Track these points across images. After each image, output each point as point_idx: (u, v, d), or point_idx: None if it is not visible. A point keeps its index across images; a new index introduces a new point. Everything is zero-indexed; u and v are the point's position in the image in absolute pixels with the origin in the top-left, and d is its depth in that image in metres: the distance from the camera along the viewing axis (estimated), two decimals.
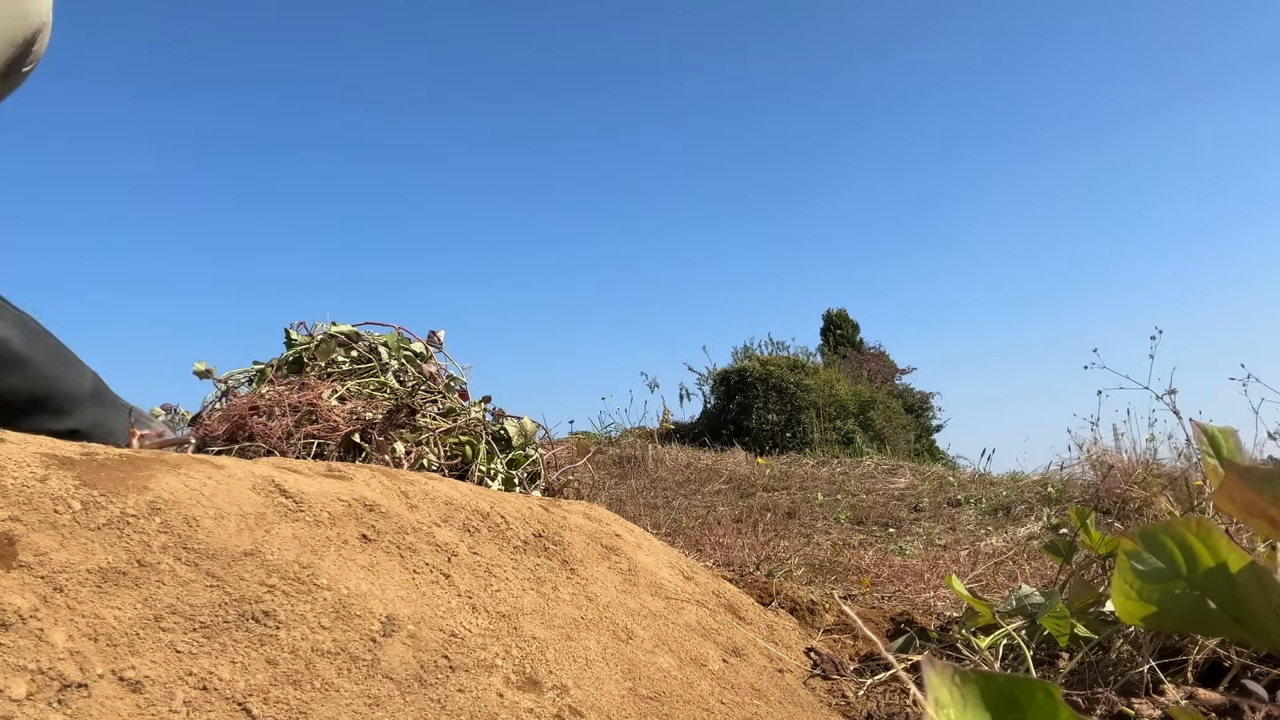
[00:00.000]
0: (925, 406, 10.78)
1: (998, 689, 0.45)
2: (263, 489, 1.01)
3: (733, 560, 2.79)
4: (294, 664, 0.81)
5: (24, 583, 0.71)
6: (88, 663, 0.68)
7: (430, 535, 1.16)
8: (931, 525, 4.29)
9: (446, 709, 0.87)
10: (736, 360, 9.54)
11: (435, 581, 1.07)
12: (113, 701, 0.67)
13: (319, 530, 1.00)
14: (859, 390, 9.31)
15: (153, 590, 0.78)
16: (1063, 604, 1.33)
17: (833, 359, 10.91)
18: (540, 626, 1.12)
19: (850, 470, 6.19)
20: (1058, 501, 4.45)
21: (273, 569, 0.89)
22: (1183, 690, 1.14)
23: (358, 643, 0.88)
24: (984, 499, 4.90)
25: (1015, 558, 3.19)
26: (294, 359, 2.51)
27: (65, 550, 0.76)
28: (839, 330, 12.30)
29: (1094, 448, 4.90)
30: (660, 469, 6.05)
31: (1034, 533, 3.85)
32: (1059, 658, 1.36)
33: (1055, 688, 0.45)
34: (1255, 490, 0.65)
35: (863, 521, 4.47)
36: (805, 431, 8.24)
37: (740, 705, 1.20)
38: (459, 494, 1.34)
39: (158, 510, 0.86)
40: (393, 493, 1.21)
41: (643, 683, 1.13)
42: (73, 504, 0.81)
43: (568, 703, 0.99)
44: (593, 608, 1.26)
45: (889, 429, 9.09)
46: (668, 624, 1.37)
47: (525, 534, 1.35)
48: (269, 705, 0.76)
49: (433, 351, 2.91)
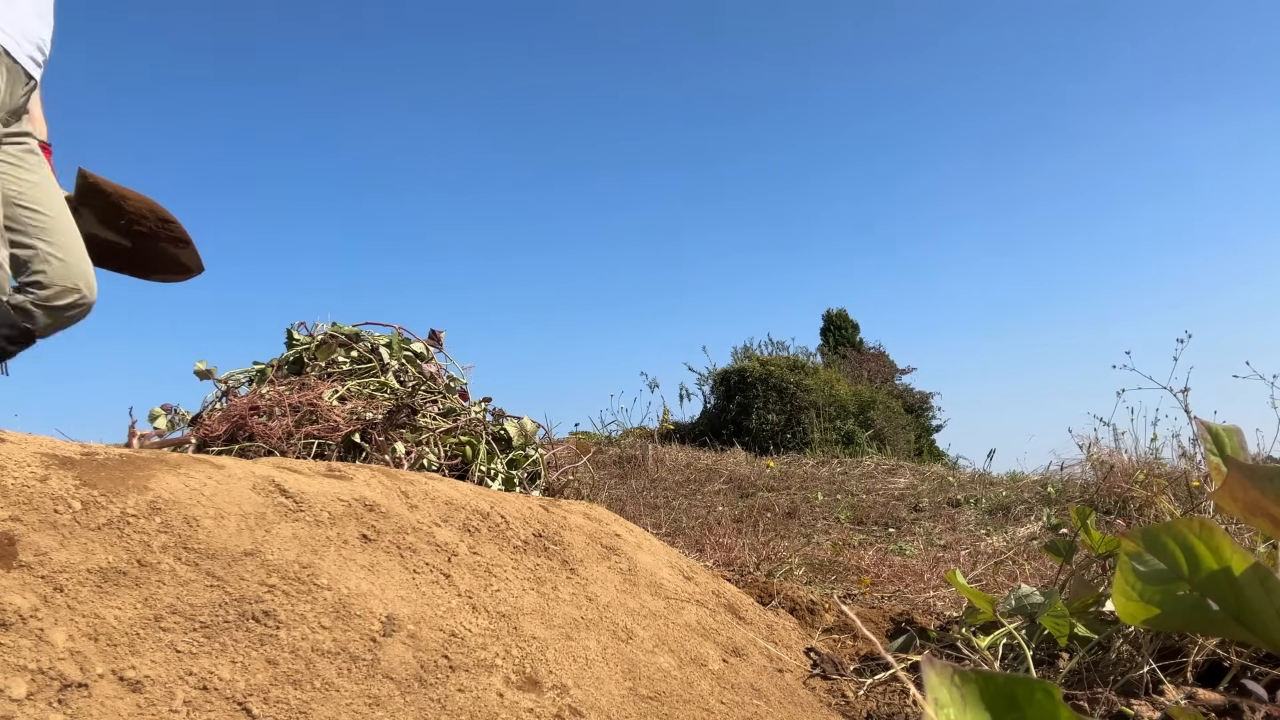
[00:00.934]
0: (925, 406, 10.78)
1: (997, 689, 0.45)
2: (263, 489, 1.01)
3: (733, 560, 2.79)
4: (294, 664, 0.81)
5: (24, 582, 0.71)
6: (88, 662, 0.68)
7: (430, 535, 1.16)
8: (931, 525, 4.29)
9: (446, 709, 0.87)
10: (736, 360, 9.54)
11: (435, 581, 1.07)
12: (113, 701, 0.67)
13: (319, 530, 1.00)
14: (859, 390, 9.31)
15: (153, 590, 0.78)
16: (1062, 604, 1.33)
17: (833, 359, 10.91)
18: (540, 626, 1.12)
19: (850, 470, 6.19)
20: (1058, 501, 4.45)
21: (273, 569, 0.89)
22: (1183, 690, 1.14)
23: (358, 642, 0.88)
24: (984, 499, 4.90)
25: (1015, 558, 3.19)
26: (295, 359, 2.51)
27: (65, 550, 0.76)
28: (839, 330, 12.30)
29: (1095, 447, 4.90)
30: (660, 469, 6.05)
31: (1034, 533, 3.85)
32: (1059, 657, 1.36)
33: (1055, 687, 0.45)
34: (1258, 489, 0.65)
35: (863, 521, 4.47)
36: (805, 431, 8.24)
37: (740, 705, 1.20)
38: (459, 494, 1.34)
39: (158, 510, 0.86)
40: (393, 493, 1.21)
41: (643, 682, 1.13)
42: (73, 504, 0.81)
43: (568, 702, 0.99)
44: (593, 608, 1.26)
45: (889, 429, 9.09)
46: (668, 624, 1.36)
47: (525, 534, 1.35)
48: (269, 705, 0.76)
49: (433, 352, 2.91)
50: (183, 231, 2.36)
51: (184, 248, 2.39)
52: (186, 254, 2.41)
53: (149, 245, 2.36)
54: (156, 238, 2.35)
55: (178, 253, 2.40)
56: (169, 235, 2.35)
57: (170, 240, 2.36)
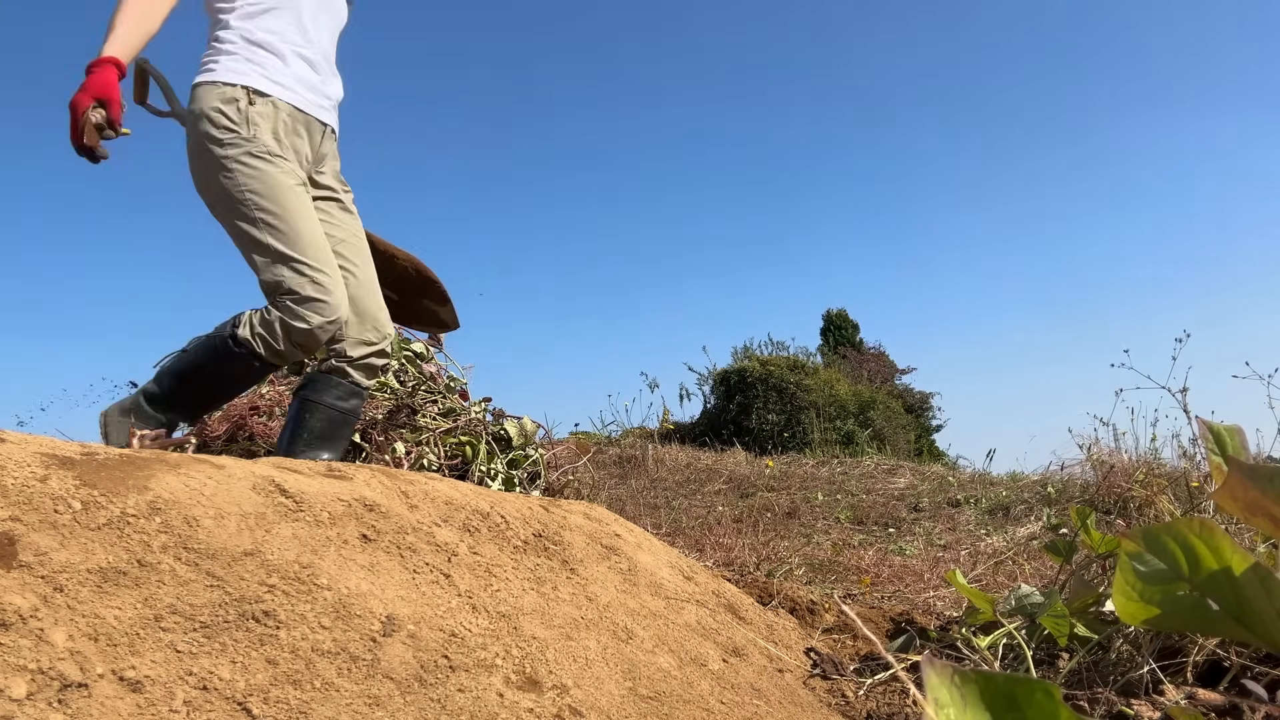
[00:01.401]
0: (925, 406, 10.78)
1: (997, 689, 0.45)
2: (263, 489, 1.01)
3: (733, 560, 2.79)
4: (294, 664, 0.81)
5: (24, 582, 0.71)
6: (88, 662, 0.68)
7: (430, 535, 1.16)
8: (931, 525, 4.29)
9: (446, 709, 0.87)
10: (736, 360, 9.54)
11: (435, 581, 1.07)
12: (113, 701, 0.67)
13: (319, 530, 1.00)
14: (859, 390, 9.31)
15: (153, 590, 0.78)
16: (1062, 604, 1.33)
17: (833, 359, 10.91)
18: (540, 626, 1.12)
19: (850, 470, 6.19)
20: (1058, 501, 4.45)
21: (273, 569, 0.89)
22: (1183, 690, 1.14)
23: (358, 642, 0.88)
24: (984, 499, 4.90)
25: (1015, 558, 3.19)
26: None
27: (65, 550, 0.76)
28: (839, 330, 12.31)
29: (1095, 447, 4.90)
30: (660, 469, 6.05)
31: (1034, 533, 3.85)
32: (1059, 658, 1.36)
33: (1055, 687, 0.45)
34: (1259, 489, 0.65)
35: (863, 521, 4.46)
36: (805, 431, 8.24)
37: (740, 705, 1.20)
38: (459, 494, 1.34)
39: (158, 510, 0.86)
40: (393, 493, 1.21)
41: (643, 682, 1.13)
42: (73, 504, 0.81)
43: (568, 702, 0.99)
44: (593, 608, 1.26)
45: (889, 429, 9.09)
46: (668, 624, 1.36)
47: (525, 534, 1.35)
48: (269, 705, 0.75)
49: (433, 352, 2.91)
50: (443, 291, 2.45)
51: (443, 305, 2.49)
52: (445, 311, 2.51)
53: (414, 300, 2.45)
54: (420, 294, 2.44)
55: (438, 309, 2.50)
56: (432, 293, 2.45)
57: (432, 297, 2.45)
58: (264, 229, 1.75)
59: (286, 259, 1.73)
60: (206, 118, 1.78)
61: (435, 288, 2.43)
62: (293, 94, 1.88)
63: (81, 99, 1.66)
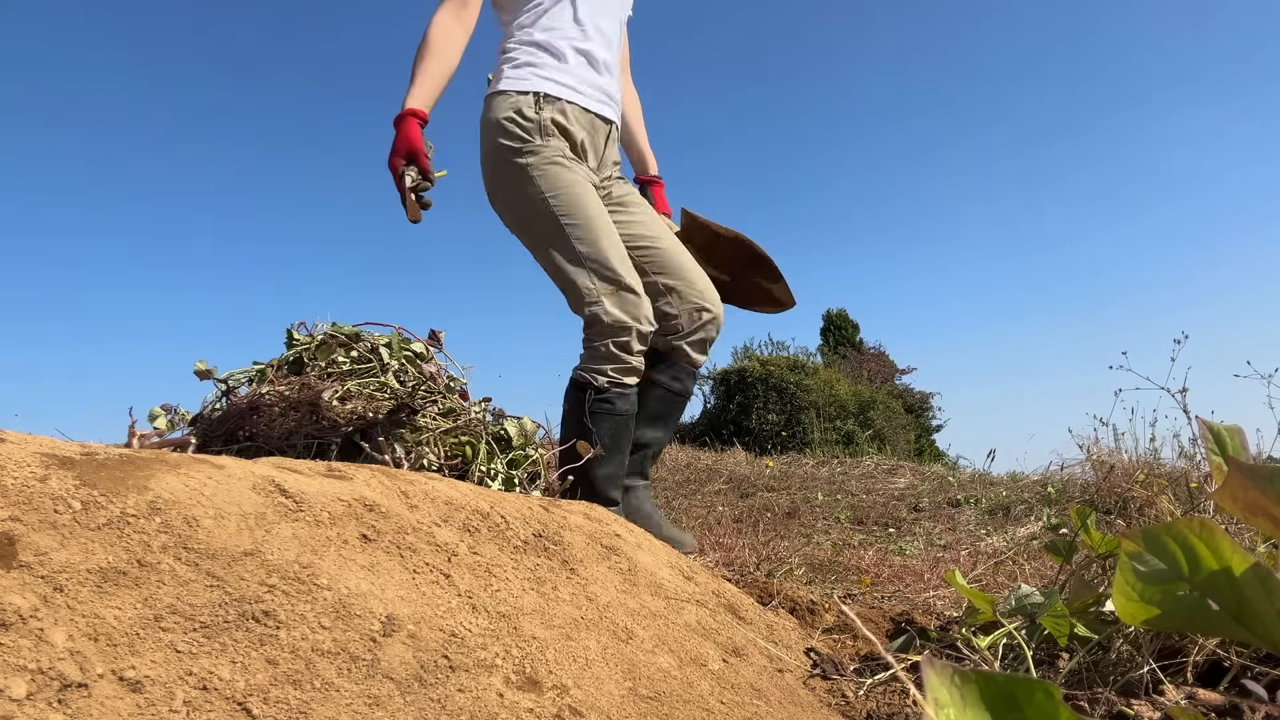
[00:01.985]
0: (925, 406, 10.79)
1: (997, 689, 0.45)
2: (263, 489, 1.01)
3: (733, 560, 2.79)
4: (294, 664, 0.81)
5: (24, 582, 0.71)
6: (88, 662, 0.68)
7: (430, 535, 1.16)
8: (931, 525, 4.29)
9: (446, 709, 0.87)
10: (736, 360, 9.54)
11: (435, 581, 1.07)
12: (113, 701, 0.67)
13: (319, 530, 1.00)
14: (859, 390, 9.31)
15: (153, 590, 0.78)
16: (1062, 604, 1.33)
17: (833, 359, 10.92)
18: (540, 626, 1.12)
19: (850, 470, 6.19)
20: (1058, 501, 4.45)
21: (273, 569, 0.89)
22: (1183, 690, 1.14)
23: (358, 643, 0.88)
24: (984, 499, 4.90)
25: (1015, 558, 3.19)
26: (294, 359, 2.51)
27: (65, 550, 0.76)
28: (839, 330, 12.32)
29: (1095, 448, 4.90)
30: (660, 469, 6.05)
31: (1034, 533, 3.85)
32: (1059, 658, 1.36)
33: (1055, 687, 0.45)
34: (1259, 489, 0.65)
35: (863, 521, 4.46)
36: (805, 431, 8.25)
37: (740, 705, 1.20)
38: (459, 494, 1.34)
39: (158, 510, 0.86)
40: (393, 493, 1.21)
41: (643, 683, 1.13)
42: (73, 504, 0.81)
43: (568, 703, 0.99)
44: (593, 608, 1.26)
45: (889, 429, 9.10)
46: (668, 624, 1.36)
47: (525, 534, 1.35)
48: (269, 705, 0.75)
49: (433, 352, 2.91)
50: (774, 267, 2.40)
51: (776, 282, 2.44)
52: (779, 289, 2.46)
53: (745, 279, 2.41)
54: (751, 272, 2.40)
55: (771, 287, 2.45)
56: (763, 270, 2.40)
57: (764, 274, 2.41)
58: (562, 237, 1.75)
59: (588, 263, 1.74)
60: (499, 127, 1.77)
61: (766, 264, 2.37)
62: (576, 93, 1.85)
63: (394, 161, 1.69)
